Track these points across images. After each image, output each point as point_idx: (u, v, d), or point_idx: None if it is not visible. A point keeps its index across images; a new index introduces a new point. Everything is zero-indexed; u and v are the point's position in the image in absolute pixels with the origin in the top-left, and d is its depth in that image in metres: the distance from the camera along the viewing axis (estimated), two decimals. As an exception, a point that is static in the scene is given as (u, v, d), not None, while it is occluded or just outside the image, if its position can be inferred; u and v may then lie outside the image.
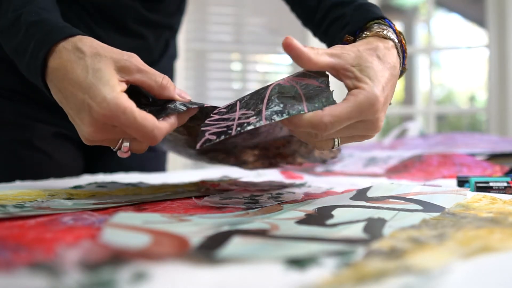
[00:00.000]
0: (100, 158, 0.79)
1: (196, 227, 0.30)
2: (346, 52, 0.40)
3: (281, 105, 0.37)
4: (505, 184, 0.49)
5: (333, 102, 0.38)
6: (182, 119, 0.41)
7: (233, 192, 0.50)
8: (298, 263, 0.22)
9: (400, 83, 4.09)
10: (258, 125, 0.36)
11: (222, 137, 0.36)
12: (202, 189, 0.52)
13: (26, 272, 0.21)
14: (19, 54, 0.43)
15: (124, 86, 0.38)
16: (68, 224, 0.32)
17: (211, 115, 0.40)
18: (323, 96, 0.39)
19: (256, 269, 0.22)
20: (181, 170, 1.53)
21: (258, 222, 0.32)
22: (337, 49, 0.41)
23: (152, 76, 0.40)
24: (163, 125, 0.39)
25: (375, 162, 0.86)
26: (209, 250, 0.24)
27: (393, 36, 0.44)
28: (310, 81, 0.40)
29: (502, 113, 1.94)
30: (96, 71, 0.37)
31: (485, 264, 0.23)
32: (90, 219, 0.33)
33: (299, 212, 0.36)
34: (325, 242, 0.26)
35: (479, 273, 0.22)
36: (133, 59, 0.39)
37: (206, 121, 0.38)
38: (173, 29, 0.76)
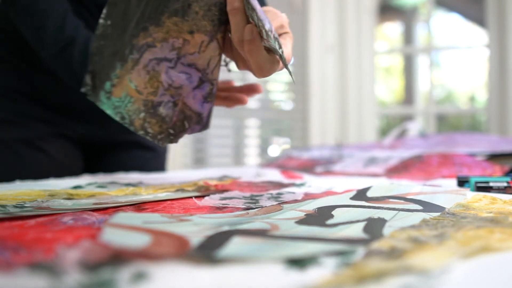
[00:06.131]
0: (100, 158, 0.79)
1: (196, 227, 0.30)
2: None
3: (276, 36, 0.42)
4: (505, 184, 0.49)
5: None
6: None
7: (233, 192, 0.50)
8: (298, 263, 0.22)
9: (400, 83, 4.09)
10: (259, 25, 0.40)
11: None
12: (202, 189, 0.52)
13: (26, 272, 0.21)
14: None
15: None
16: (68, 224, 0.32)
17: None
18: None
19: (256, 269, 0.22)
20: (181, 170, 1.53)
21: (258, 222, 0.32)
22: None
23: None
24: None
25: (375, 162, 0.86)
26: (209, 250, 0.24)
27: None
28: None
29: (502, 113, 1.94)
30: None
31: (485, 264, 0.23)
32: (90, 219, 0.33)
33: (299, 212, 0.36)
34: (325, 242, 0.26)
35: (479, 273, 0.22)
36: None
37: None
38: None
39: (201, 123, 0.50)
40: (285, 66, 0.44)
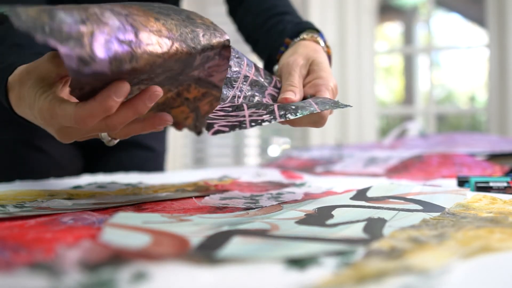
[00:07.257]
0: (100, 158, 0.79)
1: (196, 227, 0.30)
2: (299, 64, 0.48)
3: (293, 106, 0.41)
4: (505, 184, 0.49)
5: (338, 103, 0.43)
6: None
7: (233, 192, 0.50)
8: (298, 263, 0.22)
9: (400, 83, 4.09)
10: (272, 121, 0.39)
11: (237, 129, 0.38)
12: (202, 189, 0.52)
13: (26, 272, 0.21)
14: None
15: (57, 86, 0.37)
16: (68, 224, 0.32)
17: (215, 110, 0.41)
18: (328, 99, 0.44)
19: (256, 269, 0.22)
20: (181, 170, 1.53)
21: (258, 222, 0.32)
22: (296, 69, 0.48)
23: None
24: (79, 109, 0.34)
25: (375, 162, 0.86)
26: (209, 250, 0.24)
27: (322, 44, 0.53)
28: None
29: (502, 113, 1.94)
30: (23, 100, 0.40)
31: (485, 264, 0.23)
32: (90, 219, 0.33)
33: (299, 212, 0.36)
34: (325, 242, 0.26)
35: (479, 273, 0.22)
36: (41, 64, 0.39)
37: (211, 115, 0.40)
38: None
39: (81, 68, 0.31)
40: (334, 105, 0.44)
